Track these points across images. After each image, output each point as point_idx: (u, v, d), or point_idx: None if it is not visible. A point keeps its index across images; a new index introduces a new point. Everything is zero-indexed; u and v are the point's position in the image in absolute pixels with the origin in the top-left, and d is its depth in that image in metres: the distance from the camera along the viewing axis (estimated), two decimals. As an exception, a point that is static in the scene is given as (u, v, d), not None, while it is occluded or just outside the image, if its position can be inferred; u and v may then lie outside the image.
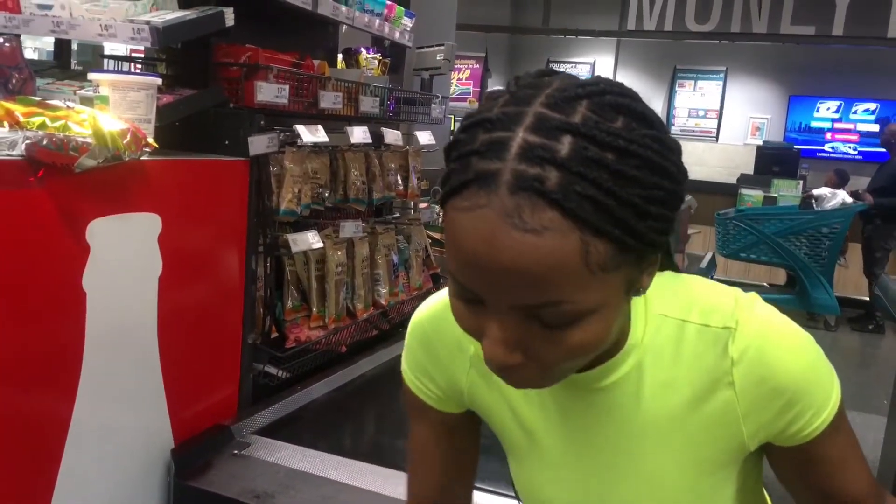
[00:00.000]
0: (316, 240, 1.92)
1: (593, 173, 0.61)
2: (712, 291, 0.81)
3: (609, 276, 0.64)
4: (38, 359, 1.27)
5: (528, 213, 0.61)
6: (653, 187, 0.64)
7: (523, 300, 0.66)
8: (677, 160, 0.68)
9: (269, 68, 1.76)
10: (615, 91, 0.67)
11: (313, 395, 1.96)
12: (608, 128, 0.63)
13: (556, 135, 0.62)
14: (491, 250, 0.64)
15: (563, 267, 0.62)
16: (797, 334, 0.79)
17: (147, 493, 1.55)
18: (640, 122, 0.65)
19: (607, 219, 0.62)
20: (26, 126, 1.22)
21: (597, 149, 0.62)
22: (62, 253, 1.29)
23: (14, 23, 1.59)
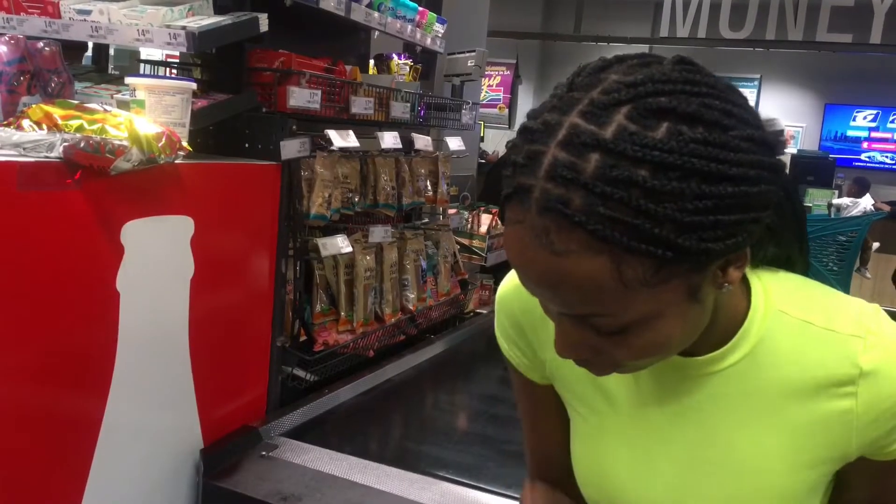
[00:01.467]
0: (345, 244, 1.93)
1: (620, 193, 0.59)
2: (835, 298, 0.80)
3: (656, 290, 0.64)
4: (71, 358, 1.29)
5: (554, 234, 0.61)
6: (704, 197, 0.61)
7: (565, 310, 0.68)
8: (749, 158, 0.63)
9: (301, 73, 1.77)
10: (665, 90, 0.62)
11: (341, 398, 1.96)
12: (644, 140, 0.60)
13: (585, 152, 0.60)
14: (525, 266, 0.65)
15: (596, 286, 0.62)
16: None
17: (176, 493, 1.56)
18: (690, 124, 0.61)
19: (639, 238, 0.60)
20: (64, 129, 1.24)
21: (628, 165, 0.59)
22: (97, 254, 1.31)
23: (54, 27, 1.63)
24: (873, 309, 0.78)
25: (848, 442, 0.77)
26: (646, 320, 0.66)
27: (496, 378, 2.28)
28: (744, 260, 0.69)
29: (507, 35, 9.73)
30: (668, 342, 0.69)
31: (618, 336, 0.68)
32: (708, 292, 0.69)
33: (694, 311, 0.69)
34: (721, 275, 0.68)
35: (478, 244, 3.10)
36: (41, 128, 1.25)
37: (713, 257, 0.64)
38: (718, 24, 9.34)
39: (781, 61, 10.22)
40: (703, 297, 0.68)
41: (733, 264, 0.68)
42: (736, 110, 0.64)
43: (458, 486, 1.52)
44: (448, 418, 2.15)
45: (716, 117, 0.62)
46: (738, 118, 0.63)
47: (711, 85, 0.64)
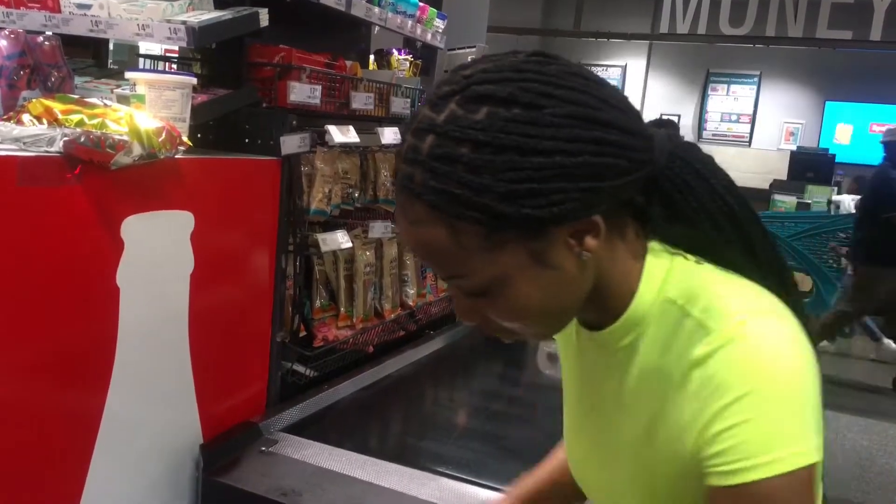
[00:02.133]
0: (345, 240, 1.93)
1: (446, 168, 0.69)
2: (731, 292, 0.75)
3: (495, 253, 0.72)
4: (71, 353, 1.29)
5: (408, 207, 0.73)
6: (517, 168, 0.68)
7: (441, 274, 0.77)
8: (564, 130, 0.70)
9: (301, 69, 1.77)
10: (490, 79, 0.71)
11: (340, 394, 1.97)
12: (465, 122, 0.69)
13: (423, 135, 0.71)
14: (403, 238, 0.77)
15: (442, 250, 0.72)
16: (770, 364, 0.68)
17: (176, 488, 1.56)
18: (506, 106, 0.69)
19: (465, 206, 0.69)
20: (64, 123, 1.24)
21: (452, 144, 0.69)
22: (97, 249, 1.31)
23: (53, 21, 1.62)
24: (762, 311, 0.73)
25: (685, 445, 0.73)
26: (499, 283, 0.74)
27: (496, 374, 2.28)
28: (597, 230, 0.73)
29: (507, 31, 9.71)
30: (529, 304, 0.75)
31: (483, 298, 0.75)
32: (564, 259, 0.74)
33: (550, 276, 0.74)
34: (575, 243, 0.73)
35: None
36: (41, 122, 1.25)
37: (541, 224, 0.71)
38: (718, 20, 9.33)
39: (781, 58, 10.21)
40: (556, 263, 0.73)
41: (587, 234, 0.73)
42: (558, 92, 0.71)
43: (457, 482, 1.52)
44: (448, 414, 2.15)
45: (529, 98, 0.70)
46: (557, 98, 0.70)
47: (541, 72, 0.72)
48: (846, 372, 5.74)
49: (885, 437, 4.34)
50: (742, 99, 10.94)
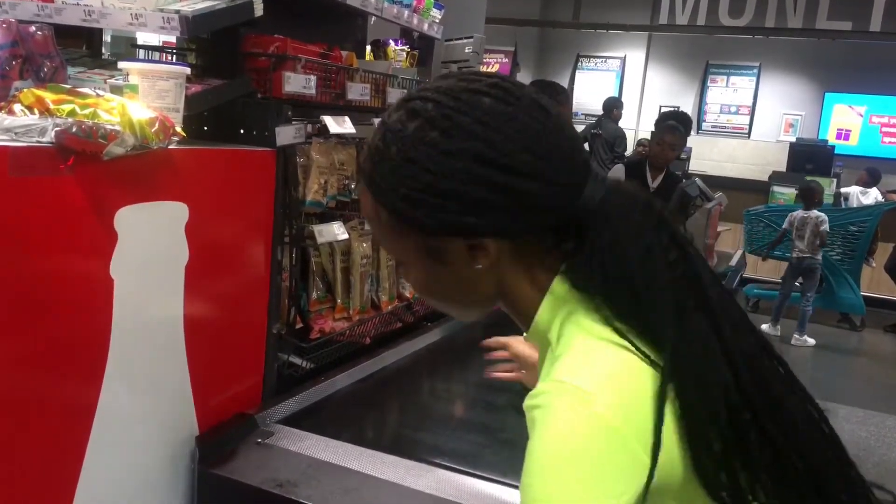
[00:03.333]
0: (341, 231, 1.92)
1: (377, 158, 0.84)
2: (578, 356, 0.80)
3: (401, 238, 0.87)
4: (65, 345, 1.28)
5: (359, 185, 0.91)
6: (416, 178, 0.81)
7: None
8: (461, 163, 0.80)
9: (297, 59, 1.76)
10: (424, 96, 0.84)
11: (337, 385, 1.96)
12: (399, 128, 0.83)
13: (381, 127, 0.86)
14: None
15: (370, 219, 0.89)
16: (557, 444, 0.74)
17: (171, 480, 1.56)
18: (430, 127, 0.81)
19: (381, 194, 0.85)
20: (56, 113, 1.23)
21: (386, 143, 0.83)
22: (90, 240, 1.30)
23: (46, 11, 1.61)
24: (570, 387, 0.76)
25: None
26: (404, 262, 0.92)
27: (493, 366, 2.27)
28: (485, 251, 0.84)
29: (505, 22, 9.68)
30: (426, 288, 0.91)
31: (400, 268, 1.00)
32: (456, 262, 0.85)
33: (442, 270, 0.87)
34: (468, 254, 0.84)
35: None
36: (33, 112, 1.24)
37: (429, 229, 0.83)
38: (718, 11, 9.30)
39: (781, 49, 10.18)
40: (449, 262, 0.86)
41: (478, 250, 0.84)
42: (475, 128, 0.80)
43: (454, 474, 1.52)
44: (444, 406, 2.15)
45: (446, 126, 0.81)
46: (468, 133, 0.80)
47: (472, 104, 0.82)
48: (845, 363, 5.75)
49: (883, 428, 4.35)
50: (741, 90, 10.92)
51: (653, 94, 11.13)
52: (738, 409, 0.80)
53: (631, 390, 0.77)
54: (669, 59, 11.15)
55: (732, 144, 10.83)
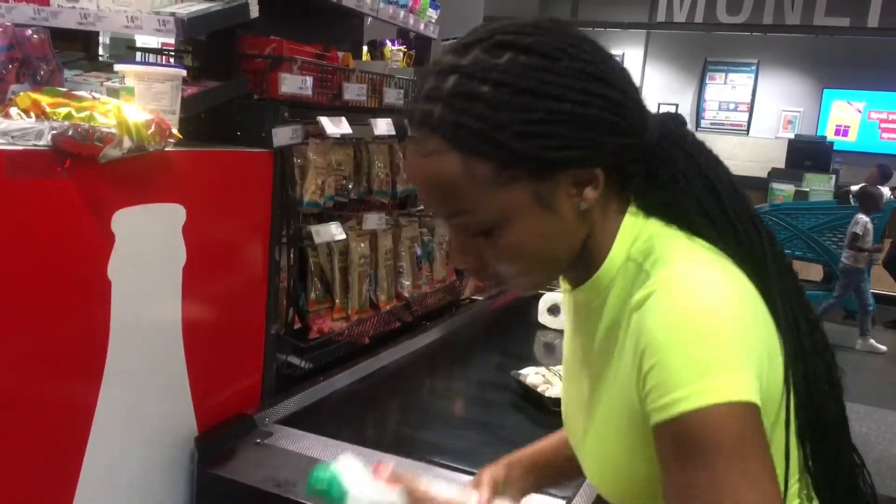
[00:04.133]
0: (339, 231, 1.93)
1: (465, 104, 0.75)
2: (681, 247, 0.80)
3: (504, 190, 0.77)
4: (63, 347, 1.29)
5: (423, 141, 0.78)
6: (532, 109, 0.75)
7: (441, 211, 0.81)
8: (575, 82, 0.76)
9: (293, 60, 1.76)
10: (509, 30, 0.78)
11: (336, 385, 1.96)
12: (488, 63, 0.75)
13: (446, 76, 0.77)
14: (411, 174, 0.90)
15: (452, 183, 0.77)
16: (691, 299, 0.72)
17: (171, 480, 1.56)
18: (526, 54, 0.76)
19: (481, 140, 0.75)
20: (52, 116, 1.23)
21: (475, 83, 0.75)
22: (87, 242, 1.31)
23: (42, 15, 1.61)
24: (690, 256, 0.78)
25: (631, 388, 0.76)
26: (503, 221, 0.78)
27: (493, 364, 2.28)
28: (597, 182, 0.79)
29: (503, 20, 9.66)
30: (526, 246, 0.80)
31: (485, 239, 0.80)
32: (564, 205, 0.79)
33: (550, 220, 0.79)
34: (576, 192, 0.79)
35: (473, 231, 3.09)
36: (29, 116, 1.24)
37: (549, 166, 0.77)
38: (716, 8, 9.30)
39: (779, 46, 10.18)
40: (557, 208, 0.79)
41: (587, 185, 0.79)
42: (571, 49, 0.77)
43: (453, 472, 1.52)
44: (444, 405, 2.15)
45: (547, 50, 0.76)
46: (570, 55, 0.77)
47: (559, 31, 0.79)
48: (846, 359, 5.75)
49: (884, 424, 4.36)
50: (740, 87, 10.92)
51: (651, 92, 11.13)
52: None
53: (744, 283, 0.78)
54: (668, 56, 11.15)
55: (731, 141, 10.83)
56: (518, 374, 2.07)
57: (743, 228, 0.82)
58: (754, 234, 0.83)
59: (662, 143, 0.83)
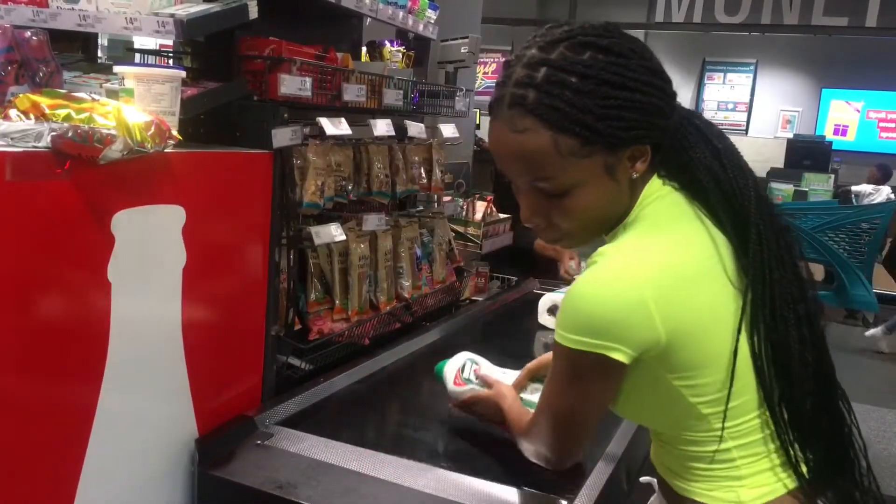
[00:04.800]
0: (339, 232, 1.93)
1: (557, 90, 0.95)
2: (637, 232, 1.05)
3: (582, 161, 0.98)
4: (63, 349, 1.29)
5: (518, 119, 0.97)
6: (610, 97, 0.95)
7: (526, 178, 1.02)
8: (642, 76, 0.98)
9: (292, 61, 1.76)
10: (588, 33, 0.98)
11: (336, 386, 1.96)
12: (574, 59, 0.96)
13: (537, 67, 0.97)
14: (499, 147, 1.01)
15: (543, 154, 0.97)
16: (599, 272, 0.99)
17: (171, 482, 1.56)
18: (604, 53, 0.97)
19: (569, 121, 0.95)
20: (52, 118, 1.23)
21: (564, 74, 0.95)
22: (87, 244, 1.31)
23: (41, 16, 1.61)
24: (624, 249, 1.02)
25: None
26: (577, 185, 1.00)
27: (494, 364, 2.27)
28: (647, 157, 1.02)
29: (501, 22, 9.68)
30: (592, 206, 1.02)
31: (559, 199, 1.01)
32: (622, 175, 1.02)
33: (610, 186, 1.01)
34: (630, 165, 1.02)
35: (473, 231, 3.10)
36: (28, 117, 1.24)
37: (620, 143, 0.99)
38: (714, 8, 9.31)
39: (777, 45, 10.19)
40: (618, 177, 1.01)
41: (639, 159, 1.02)
42: (637, 49, 1.00)
43: (453, 473, 1.52)
44: (444, 406, 2.14)
45: (621, 49, 0.98)
46: (637, 54, 1.00)
47: (623, 34, 1.01)
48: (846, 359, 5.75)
49: (883, 423, 4.35)
50: (738, 87, 10.93)
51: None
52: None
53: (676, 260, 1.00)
54: (666, 56, 11.14)
55: (730, 141, 10.82)
56: (518, 374, 2.06)
57: (737, 185, 1.04)
58: (745, 187, 1.05)
59: (682, 121, 1.06)
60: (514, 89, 0.97)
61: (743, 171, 1.06)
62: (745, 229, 1.02)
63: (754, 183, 1.06)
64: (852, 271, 6.22)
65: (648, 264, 0.98)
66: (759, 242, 1.01)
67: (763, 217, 1.03)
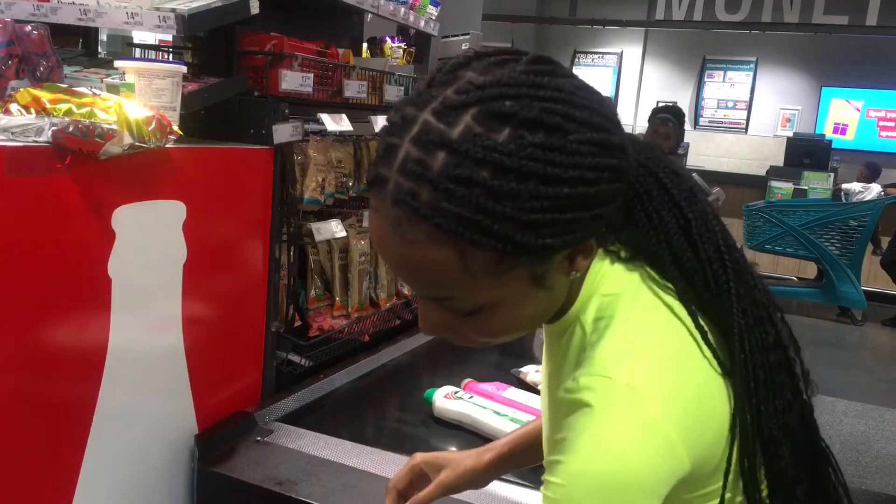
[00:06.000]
0: (339, 229, 1.92)
1: (463, 190, 0.64)
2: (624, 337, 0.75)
3: (501, 278, 0.70)
4: (63, 345, 1.28)
5: (405, 224, 0.67)
6: (540, 198, 0.65)
7: (422, 293, 0.75)
8: (586, 158, 0.68)
9: (293, 56, 1.75)
10: (510, 94, 0.66)
11: (336, 383, 1.96)
12: (486, 142, 0.64)
13: (433, 149, 0.65)
14: (383, 252, 0.71)
15: (443, 273, 0.68)
16: (608, 423, 0.70)
17: (171, 479, 1.56)
18: (531, 129, 0.65)
19: (481, 233, 0.65)
20: (52, 112, 1.22)
21: (471, 165, 0.64)
22: (88, 239, 1.30)
23: (42, 11, 1.61)
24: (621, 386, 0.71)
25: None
26: (495, 304, 0.73)
27: (492, 363, 2.28)
28: (590, 250, 0.75)
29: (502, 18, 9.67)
30: (518, 323, 0.76)
31: (472, 317, 0.74)
32: (557, 280, 0.75)
33: (541, 295, 0.75)
34: (568, 264, 0.74)
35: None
36: (29, 112, 1.23)
37: (552, 251, 0.70)
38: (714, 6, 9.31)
39: (777, 43, 10.18)
40: (550, 284, 0.74)
41: (581, 254, 0.74)
42: (579, 114, 0.68)
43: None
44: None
45: (556, 122, 0.66)
46: (579, 122, 0.67)
47: (558, 88, 0.68)
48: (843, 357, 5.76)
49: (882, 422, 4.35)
50: (738, 85, 10.92)
51: (650, 90, 11.13)
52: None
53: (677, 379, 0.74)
54: (666, 54, 11.15)
55: (729, 139, 10.83)
56: (518, 371, 2.06)
57: (711, 268, 0.79)
58: (721, 272, 0.79)
59: (639, 171, 0.78)
60: (400, 178, 0.66)
61: (719, 251, 0.80)
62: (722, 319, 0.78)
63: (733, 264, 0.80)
64: (840, 268, 6.24)
65: (662, 394, 0.72)
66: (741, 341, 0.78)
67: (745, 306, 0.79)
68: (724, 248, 0.80)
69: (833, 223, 6.07)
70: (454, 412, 1.78)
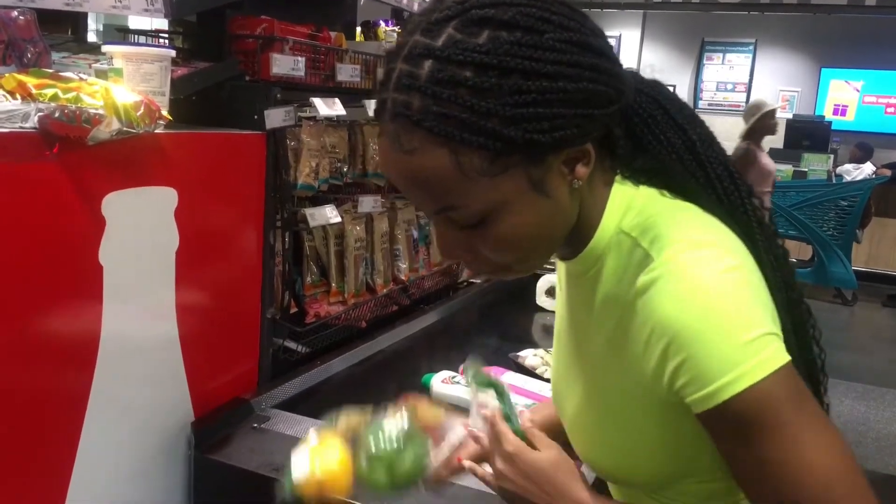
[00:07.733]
0: (334, 214, 1.91)
1: (449, 92, 0.68)
2: (679, 222, 0.78)
3: (497, 180, 0.72)
4: (55, 333, 1.27)
5: (403, 136, 0.71)
6: (522, 92, 0.69)
7: (427, 207, 0.77)
8: (565, 55, 0.71)
9: (284, 40, 1.73)
10: (487, 3, 0.70)
11: (333, 369, 1.95)
12: (467, 45, 0.68)
13: (419, 61, 0.70)
14: (389, 170, 0.75)
15: (441, 178, 0.71)
16: (699, 282, 0.71)
17: (167, 466, 1.55)
18: (508, 29, 0.69)
19: (470, 131, 0.69)
20: (38, 98, 1.21)
21: (454, 68, 0.68)
22: (78, 226, 1.29)
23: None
24: (694, 240, 0.75)
25: (642, 370, 0.76)
26: (496, 211, 0.74)
27: (491, 347, 2.27)
28: (588, 157, 0.76)
29: (499, 3, 9.60)
30: (524, 234, 0.76)
31: (477, 230, 0.76)
32: (557, 187, 0.76)
33: (544, 204, 0.75)
34: (568, 171, 0.76)
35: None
36: (15, 98, 1.22)
37: (543, 149, 0.72)
38: (713, -12, 9.23)
39: (777, 25, 10.12)
40: (551, 191, 0.75)
41: (579, 161, 0.76)
42: (555, 17, 0.72)
43: (451, 455, 1.51)
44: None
45: (531, 23, 0.70)
46: (555, 24, 0.71)
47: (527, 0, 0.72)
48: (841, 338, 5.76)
49: (882, 403, 4.36)
50: (737, 67, 10.87)
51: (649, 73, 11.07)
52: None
53: (744, 252, 0.77)
54: (665, 37, 11.08)
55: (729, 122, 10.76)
56: (516, 356, 2.06)
57: (721, 185, 0.82)
58: (732, 189, 0.83)
59: (639, 99, 0.82)
60: (395, 94, 0.71)
61: (730, 174, 0.83)
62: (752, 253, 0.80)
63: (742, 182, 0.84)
64: (830, 248, 6.24)
65: (741, 252, 0.77)
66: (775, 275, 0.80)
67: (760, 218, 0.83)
68: (729, 165, 0.84)
69: (823, 203, 6.08)
70: (452, 397, 1.77)
